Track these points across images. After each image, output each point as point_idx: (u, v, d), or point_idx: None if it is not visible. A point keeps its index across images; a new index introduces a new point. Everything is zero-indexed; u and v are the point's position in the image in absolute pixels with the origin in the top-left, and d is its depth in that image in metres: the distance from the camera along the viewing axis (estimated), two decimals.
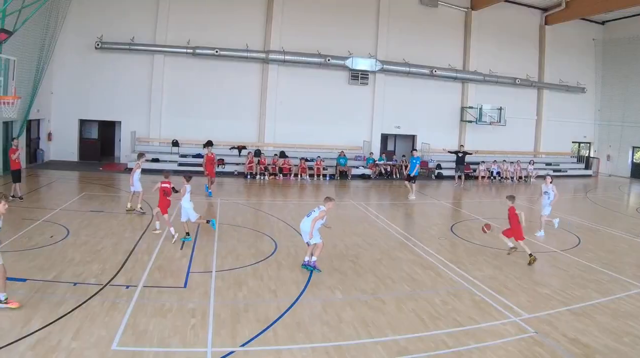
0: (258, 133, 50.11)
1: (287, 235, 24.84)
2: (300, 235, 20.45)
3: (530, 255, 21.60)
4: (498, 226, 26.13)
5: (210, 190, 34.18)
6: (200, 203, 30.38)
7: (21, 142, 39.39)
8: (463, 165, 46.96)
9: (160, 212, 23.14)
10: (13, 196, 28.48)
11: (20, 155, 30.27)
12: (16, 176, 29.24)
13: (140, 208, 28.00)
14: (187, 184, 22.86)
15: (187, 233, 22.75)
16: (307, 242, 19.70)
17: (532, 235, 26.53)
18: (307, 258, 19.65)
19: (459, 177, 46.88)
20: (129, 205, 28.12)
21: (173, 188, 23.24)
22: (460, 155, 46.79)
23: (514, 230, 22.45)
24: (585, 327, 14.97)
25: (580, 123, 62.40)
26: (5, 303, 14.30)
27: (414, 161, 37.14)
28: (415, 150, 40.67)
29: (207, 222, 23.70)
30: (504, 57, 56.00)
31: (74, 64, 46.12)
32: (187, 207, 22.80)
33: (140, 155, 29.85)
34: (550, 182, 27.12)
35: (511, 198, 23.40)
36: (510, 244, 22.81)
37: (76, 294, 15.53)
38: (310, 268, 19.38)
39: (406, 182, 38.18)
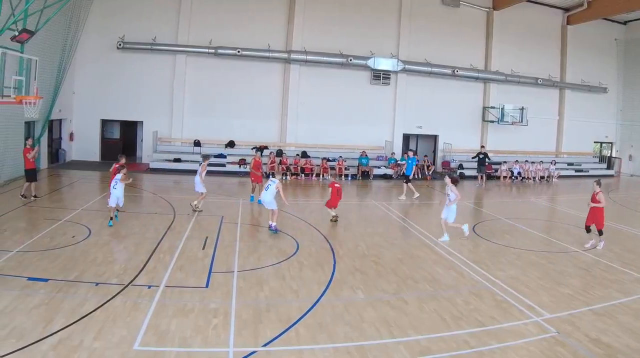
0: (280, 133, 50.13)
1: (309, 235, 24.80)
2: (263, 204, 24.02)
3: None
4: (522, 227, 26.80)
5: (253, 195, 33.07)
6: (226, 204, 31.04)
7: (43, 142, 39.92)
8: (484, 166, 46.89)
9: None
10: (24, 196, 28.74)
11: (37, 154, 30.40)
12: (31, 175, 29.21)
13: (196, 205, 28.48)
14: None
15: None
16: (270, 209, 23.10)
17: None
18: (270, 223, 23.16)
19: (481, 177, 46.90)
20: (194, 203, 28.55)
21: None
22: (481, 156, 46.72)
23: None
24: (607, 327, 14.90)
25: (602, 123, 61.99)
26: None
27: (410, 161, 36.99)
28: (411, 150, 40.41)
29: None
30: (526, 57, 55.76)
31: (96, 64, 46.33)
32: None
33: (206, 157, 30.00)
34: (452, 183, 25.35)
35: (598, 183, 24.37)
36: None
37: (98, 294, 15.59)
38: (272, 230, 23.08)
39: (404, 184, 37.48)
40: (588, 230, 24.39)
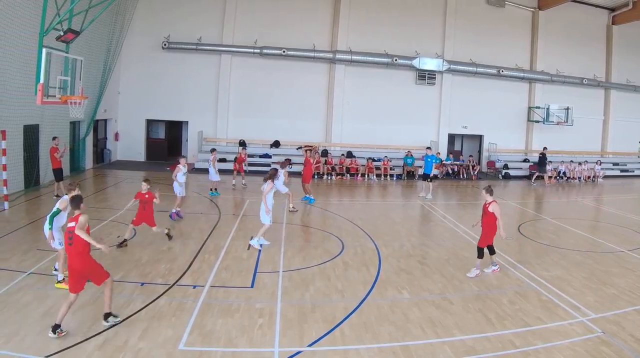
0: (325, 133, 50.21)
1: (354, 235, 24.79)
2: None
3: None
4: (567, 227, 26.71)
5: (308, 196, 32.96)
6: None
7: (88, 142, 40.82)
8: (543, 167, 47.12)
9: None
10: (57, 196, 28.67)
11: (64, 153, 30.62)
12: (58, 175, 29.52)
13: (293, 207, 29.06)
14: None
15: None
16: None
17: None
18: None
19: (541, 177, 47.33)
20: (291, 206, 29.07)
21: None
22: (540, 156, 47.06)
23: None
24: None
25: None
26: (62, 282, 15.47)
27: (429, 159, 36.58)
28: (429, 148, 39.47)
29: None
30: (571, 57, 55.26)
31: (141, 63, 46.90)
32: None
33: (285, 163, 29.99)
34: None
35: None
36: None
37: (143, 294, 15.83)
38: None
39: (423, 182, 37.44)
40: (483, 253, 19.78)
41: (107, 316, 13.87)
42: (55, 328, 12.91)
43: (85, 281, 13.64)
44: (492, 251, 19.51)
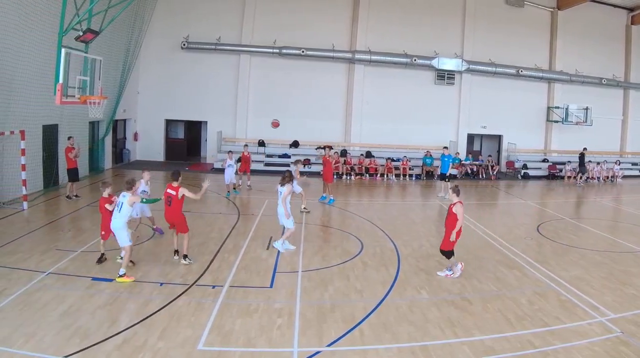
0: (344, 133, 50.27)
1: (373, 235, 24.86)
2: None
3: None
4: (586, 227, 26.97)
5: (326, 195, 33.06)
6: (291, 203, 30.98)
7: (107, 142, 41.11)
8: (583, 166, 47.60)
9: None
10: (68, 196, 29.26)
11: (79, 153, 30.54)
12: (72, 175, 29.63)
13: (305, 208, 29.06)
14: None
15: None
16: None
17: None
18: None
19: (580, 177, 47.72)
20: (302, 207, 29.09)
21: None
22: (580, 156, 47.45)
23: None
24: None
25: None
26: (124, 276, 16.29)
27: (445, 159, 36.57)
28: (446, 147, 39.39)
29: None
30: (590, 57, 54.91)
31: (160, 63, 47.26)
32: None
33: (297, 162, 30.67)
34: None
35: None
36: None
37: (162, 294, 15.91)
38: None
39: (442, 182, 37.24)
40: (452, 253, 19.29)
41: (185, 256, 18.86)
42: (185, 257, 18.73)
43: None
44: (449, 254, 19.01)
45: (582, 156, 47.31)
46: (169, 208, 19.04)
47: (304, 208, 29.07)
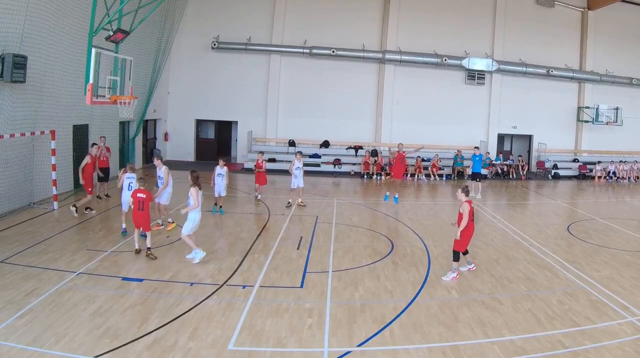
0: (374, 133, 50.24)
1: (404, 235, 24.99)
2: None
3: None
4: (617, 227, 26.91)
5: (389, 194, 32.97)
6: (321, 203, 31.52)
7: (137, 142, 41.69)
8: None
9: None
10: (99, 196, 29.56)
11: (100, 153, 30.09)
12: (103, 175, 29.75)
13: (301, 201, 29.91)
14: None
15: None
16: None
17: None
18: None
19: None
20: (299, 200, 29.93)
21: None
22: None
23: None
24: None
25: None
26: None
27: (476, 159, 36.59)
28: (477, 148, 39.49)
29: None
30: (620, 57, 54.41)
31: (191, 64, 47.60)
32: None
33: (298, 154, 30.87)
34: (163, 164, 24.69)
35: None
36: None
37: (193, 294, 16.01)
38: None
39: (472, 181, 37.00)
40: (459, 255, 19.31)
41: (149, 249, 19.37)
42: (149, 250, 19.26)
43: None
44: (456, 257, 18.94)
45: None
46: (141, 213, 19.46)
47: (301, 201, 29.78)
